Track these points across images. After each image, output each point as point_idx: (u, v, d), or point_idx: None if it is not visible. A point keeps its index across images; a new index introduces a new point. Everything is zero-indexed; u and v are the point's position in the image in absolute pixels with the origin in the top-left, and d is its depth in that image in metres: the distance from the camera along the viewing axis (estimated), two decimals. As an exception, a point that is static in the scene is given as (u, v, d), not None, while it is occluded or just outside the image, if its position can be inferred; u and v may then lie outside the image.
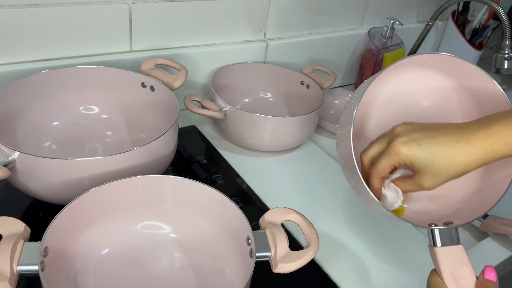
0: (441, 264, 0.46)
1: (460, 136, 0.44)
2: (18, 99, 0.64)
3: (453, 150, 0.44)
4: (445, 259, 0.46)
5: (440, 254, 0.46)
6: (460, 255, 0.46)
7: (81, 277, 0.51)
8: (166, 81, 0.69)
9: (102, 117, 0.73)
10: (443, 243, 0.47)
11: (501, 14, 0.93)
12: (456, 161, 0.44)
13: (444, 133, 0.45)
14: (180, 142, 0.70)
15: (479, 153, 0.43)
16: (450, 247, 0.47)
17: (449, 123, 0.47)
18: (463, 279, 0.44)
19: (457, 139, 0.44)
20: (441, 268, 0.45)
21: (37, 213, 0.60)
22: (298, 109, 0.89)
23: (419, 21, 1.18)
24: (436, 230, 0.48)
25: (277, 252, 0.47)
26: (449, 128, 0.45)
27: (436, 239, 0.47)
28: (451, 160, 0.44)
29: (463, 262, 0.45)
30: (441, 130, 0.45)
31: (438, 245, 0.47)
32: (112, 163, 0.54)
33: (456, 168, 0.44)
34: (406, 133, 0.46)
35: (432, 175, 0.45)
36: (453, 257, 0.46)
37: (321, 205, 0.71)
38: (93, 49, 0.74)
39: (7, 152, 0.51)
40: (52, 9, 0.67)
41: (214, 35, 0.85)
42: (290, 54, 0.96)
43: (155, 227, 0.57)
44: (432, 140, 0.44)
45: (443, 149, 0.44)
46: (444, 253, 0.46)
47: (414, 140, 0.45)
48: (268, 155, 0.81)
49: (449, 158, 0.44)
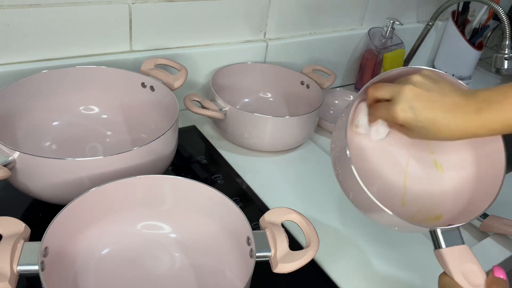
0: (450, 264, 0.46)
1: (452, 114, 0.48)
2: (18, 99, 0.64)
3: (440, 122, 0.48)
4: (453, 259, 0.46)
5: (447, 255, 0.47)
6: (466, 254, 0.47)
7: (81, 277, 0.51)
8: (166, 81, 0.69)
9: (102, 117, 0.73)
10: (447, 244, 0.48)
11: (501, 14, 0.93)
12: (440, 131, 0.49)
13: (441, 105, 0.48)
14: (180, 142, 0.70)
15: (461, 133, 0.48)
16: (455, 247, 0.47)
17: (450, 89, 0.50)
18: (474, 277, 0.45)
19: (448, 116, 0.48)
20: (451, 269, 0.46)
21: (37, 213, 0.60)
22: (298, 109, 0.89)
23: (419, 21, 1.18)
24: (439, 231, 0.48)
25: (277, 252, 0.47)
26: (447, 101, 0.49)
27: (440, 240, 0.48)
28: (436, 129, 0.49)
29: (471, 261, 0.46)
30: (440, 101, 0.49)
31: (443, 247, 0.48)
32: (112, 163, 0.54)
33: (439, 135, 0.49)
34: (409, 100, 0.49)
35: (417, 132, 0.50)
36: (460, 256, 0.47)
37: (321, 205, 0.71)
38: (93, 49, 0.74)
39: (7, 152, 0.51)
40: (52, 9, 0.67)
41: (214, 35, 0.85)
42: (290, 54, 0.96)
43: (155, 227, 0.57)
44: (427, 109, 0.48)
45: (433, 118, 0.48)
46: (451, 253, 0.47)
47: (412, 109, 0.49)
48: (268, 155, 0.81)
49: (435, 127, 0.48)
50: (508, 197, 0.81)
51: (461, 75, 1.22)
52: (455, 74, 1.22)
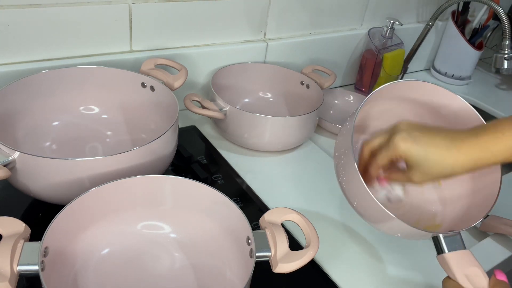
0: (454, 268, 0.48)
1: (453, 142, 0.48)
2: (18, 99, 0.64)
3: (444, 153, 0.48)
4: (456, 263, 0.48)
5: (450, 259, 0.48)
6: (469, 258, 0.48)
7: (81, 277, 0.51)
8: (166, 81, 0.69)
9: (102, 117, 0.73)
10: (449, 248, 0.49)
11: (501, 14, 0.93)
12: (446, 163, 0.48)
13: (440, 137, 0.49)
14: (180, 142, 0.70)
15: (466, 160, 0.48)
16: (458, 251, 0.49)
17: (446, 128, 0.52)
18: (477, 280, 0.47)
19: (449, 145, 0.48)
20: (455, 272, 0.47)
21: (37, 213, 0.60)
22: (298, 109, 0.89)
23: (419, 21, 1.18)
24: (442, 237, 0.50)
25: (277, 252, 0.47)
26: (445, 133, 0.50)
27: (443, 246, 0.50)
28: (441, 162, 0.49)
29: (473, 264, 0.48)
30: (437, 134, 0.50)
31: (446, 251, 0.49)
32: (112, 163, 0.54)
33: (444, 169, 0.49)
34: (407, 130, 0.50)
35: (422, 171, 0.50)
36: (463, 260, 0.48)
37: (321, 205, 0.71)
38: (93, 49, 0.74)
39: (7, 152, 0.51)
40: (52, 9, 0.67)
41: (214, 35, 0.85)
42: (290, 54, 0.96)
43: (155, 227, 0.57)
44: (428, 141, 0.49)
45: (436, 151, 0.49)
46: (454, 258, 0.49)
47: (413, 138, 0.50)
48: (268, 155, 0.81)
49: (440, 160, 0.49)
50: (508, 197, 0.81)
51: (461, 75, 1.22)
52: (455, 74, 1.22)
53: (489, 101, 1.17)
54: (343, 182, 0.56)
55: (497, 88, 1.26)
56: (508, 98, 1.21)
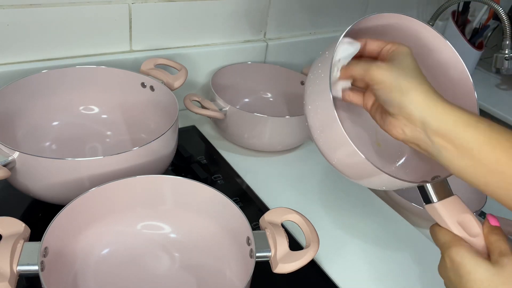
0: (445, 217, 0.45)
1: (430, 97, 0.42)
2: (18, 99, 0.64)
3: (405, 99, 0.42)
4: (447, 212, 0.45)
5: (440, 208, 0.45)
6: (458, 204, 0.46)
7: (81, 277, 0.51)
8: (166, 81, 0.69)
9: (102, 117, 0.73)
10: (439, 197, 0.46)
11: (501, 14, 0.93)
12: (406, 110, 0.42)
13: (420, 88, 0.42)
14: (180, 142, 0.70)
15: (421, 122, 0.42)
16: (447, 199, 0.46)
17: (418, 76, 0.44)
18: (471, 227, 0.44)
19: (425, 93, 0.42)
20: (447, 221, 0.44)
21: (37, 213, 0.60)
22: (298, 109, 0.89)
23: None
24: (429, 186, 0.47)
25: (277, 252, 0.47)
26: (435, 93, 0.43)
27: (431, 195, 0.46)
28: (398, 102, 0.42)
29: (464, 211, 0.45)
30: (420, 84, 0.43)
31: (435, 201, 0.46)
32: (112, 163, 0.54)
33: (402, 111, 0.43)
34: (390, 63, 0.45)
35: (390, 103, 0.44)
36: (453, 207, 0.45)
37: (321, 205, 0.71)
38: (93, 49, 0.74)
39: (7, 152, 0.51)
40: (52, 9, 0.67)
41: (214, 35, 0.85)
42: (290, 54, 0.96)
43: (155, 227, 0.57)
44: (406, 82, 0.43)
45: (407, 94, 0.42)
46: (443, 206, 0.46)
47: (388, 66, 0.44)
48: (268, 155, 0.81)
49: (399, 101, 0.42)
50: (508, 197, 0.81)
51: (461, 75, 1.21)
52: (455, 74, 1.22)
53: (489, 101, 1.16)
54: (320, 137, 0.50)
55: (497, 88, 1.26)
56: (508, 98, 1.21)
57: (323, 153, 0.51)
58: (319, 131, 0.50)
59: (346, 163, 0.49)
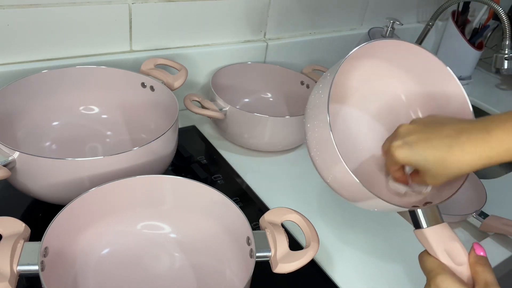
0: (433, 243, 0.45)
1: (456, 140, 0.43)
2: (18, 99, 0.64)
3: (445, 155, 0.44)
4: (435, 239, 0.46)
5: (429, 234, 0.46)
6: (447, 232, 0.46)
7: (81, 277, 0.51)
8: (166, 81, 0.69)
9: (102, 117, 0.73)
10: (428, 223, 0.47)
11: (501, 14, 0.93)
12: (449, 166, 0.44)
13: (440, 136, 0.45)
14: (180, 142, 0.70)
15: (473, 159, 0.43)
16: (436, 226, 0.46)
17: (451, 119, 0.47)
18: (457, 255, 0.44)
19: (451, 143, 0.43)
20: (434, 248, 0.45)
21: (37, 213, 0.60)
22: (298, 109, 0.89)
23: (419, 21, 1.18)
24: (420, 211, 0.47)
25: (277, 252, 0.47)
26: (447, 129, 0.45)
27: (421, 220, 0.47)
28: (443, 165, 0.44)
29: (452, 239, 0.45)
30: (438, 132, 0.45)
31: (424, 226, 0.47)
32: (112, 163, 0.54)
33: (450, 171, 0.44)
34: (403, 135, 0.47)
35: (430, 175, 0.46)
36: (442, 235, 0.46)
37: (321, 205, 0.71)
38: (93, 49, 0.74)
39: (7, 152, 0.51)
40: (52, 9, 0.67)
41: (214, 35, 0.85)
42: (290, 54, 0.96)
43: (155, 227, 0.57)
44: (425, 144, 0.45)
45: (435, 155, 0.44)
46: (432, 232, 0.46)
47: (408, 144, 0.46)
48: (268, 155, 0.81)
49: (442, 163, 0.44)
50: (508, 197, 0.81)
51: (461, 75, 1.22)
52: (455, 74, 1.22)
53: (489, 101, 1.17)
54: (316, 156, 0.52)
55: (497, 88, 1.26)
56: (508, 98, 1.21)
57: (319, 171, 0.54)
58: (315, 149, 0.52)
59: (340, 183, 0.51)
